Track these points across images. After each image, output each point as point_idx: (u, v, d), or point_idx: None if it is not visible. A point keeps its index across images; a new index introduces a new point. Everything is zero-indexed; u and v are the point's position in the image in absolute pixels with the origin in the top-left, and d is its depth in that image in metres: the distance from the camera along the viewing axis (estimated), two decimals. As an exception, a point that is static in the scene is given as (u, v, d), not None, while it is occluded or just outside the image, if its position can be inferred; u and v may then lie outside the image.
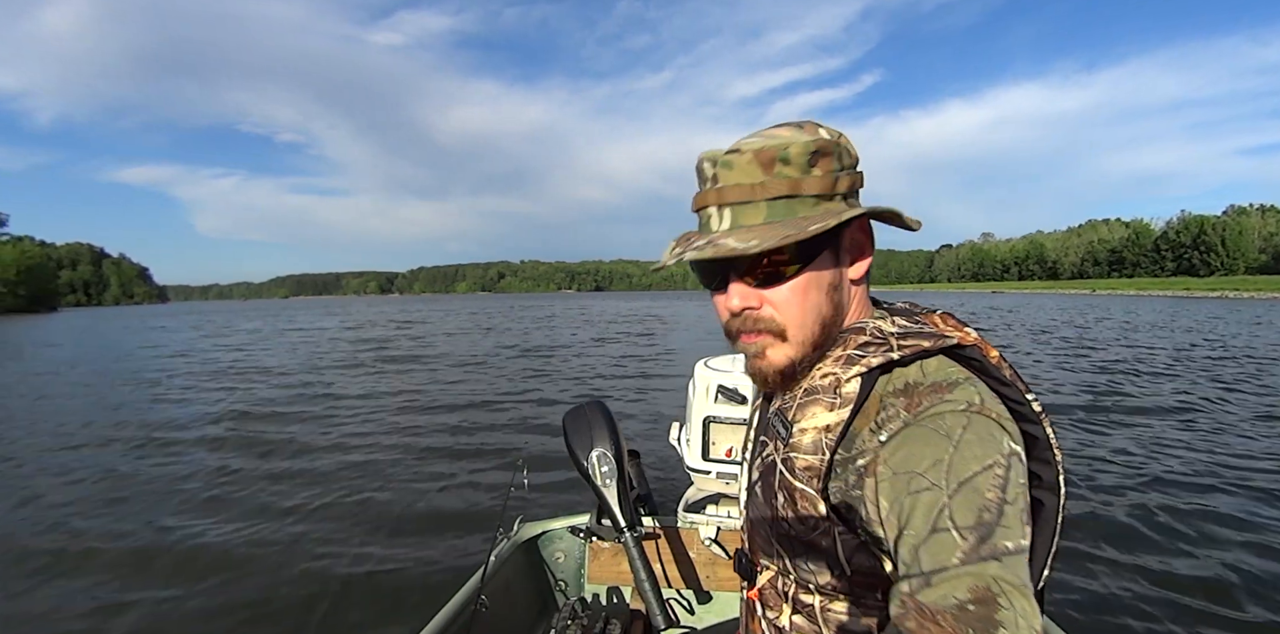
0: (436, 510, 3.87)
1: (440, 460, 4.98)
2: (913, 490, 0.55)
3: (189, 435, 6.14)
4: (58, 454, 5.51)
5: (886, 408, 0.62)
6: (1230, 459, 4.63)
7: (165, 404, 8.02)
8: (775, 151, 0.61)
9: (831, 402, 0.64)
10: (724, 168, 0.63)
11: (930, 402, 0.60)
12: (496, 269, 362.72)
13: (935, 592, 0.49)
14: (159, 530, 3.64)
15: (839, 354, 0.66)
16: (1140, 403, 6.81)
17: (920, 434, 0.58)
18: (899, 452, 0.59)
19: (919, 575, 0.51)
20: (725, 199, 0.63)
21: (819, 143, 0.62)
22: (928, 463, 0.56)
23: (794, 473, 0.65)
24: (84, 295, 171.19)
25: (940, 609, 0.48)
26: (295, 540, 3.43)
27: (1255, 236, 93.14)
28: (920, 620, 0.48)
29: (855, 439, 0.63)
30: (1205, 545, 3.14)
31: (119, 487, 4.50)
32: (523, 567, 1.79)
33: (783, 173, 0.61)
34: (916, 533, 0.53)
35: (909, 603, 0.50)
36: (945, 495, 0.53)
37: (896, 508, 0.56)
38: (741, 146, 0.63)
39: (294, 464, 4.97)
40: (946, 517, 0.52)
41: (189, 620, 2.66)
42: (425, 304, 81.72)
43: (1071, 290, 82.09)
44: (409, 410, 7.08)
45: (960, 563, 0.50)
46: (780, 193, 0.62)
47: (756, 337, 0.67)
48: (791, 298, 0.65)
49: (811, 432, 0.64)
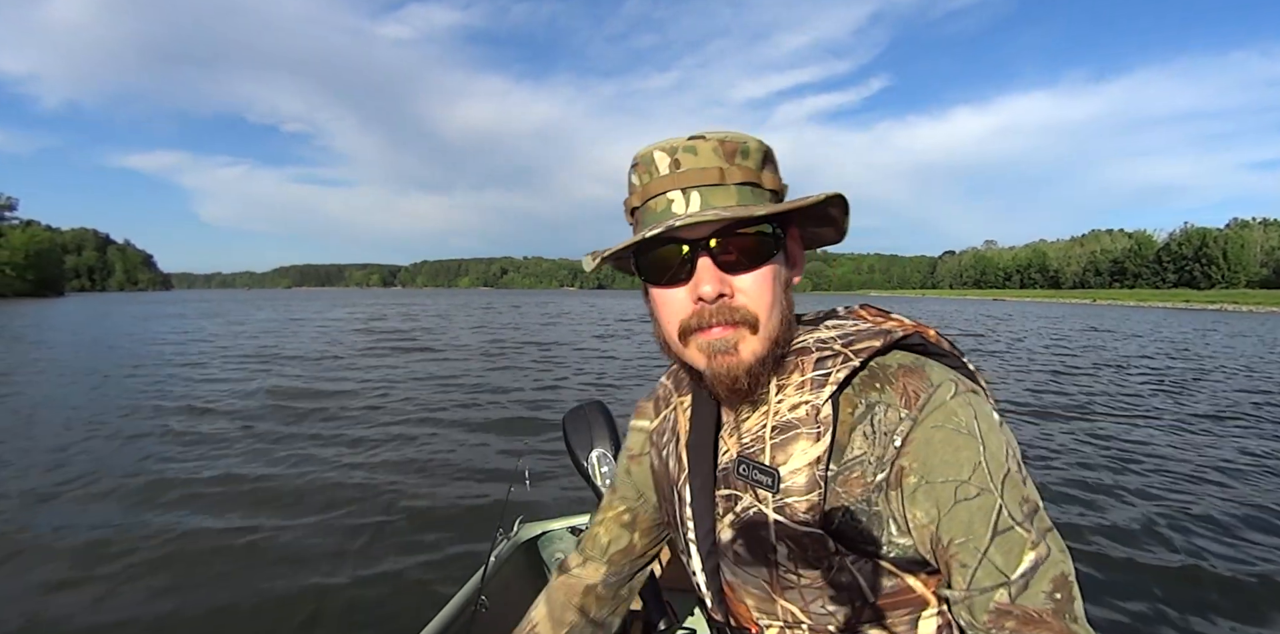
0: (437, 510, 3.89)
1: (441, 460, 5.01)
2: (962, 497, 0.56)
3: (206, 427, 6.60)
4: (137, 420, 6.06)
5: (875, 410, 0.61)
6: (1121, 451, 5.15)
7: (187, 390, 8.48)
8: (737, 144, 0.61)
9: (815, 432, 0.61)
10: (687, 153, 0.61)
11: (917, 388, 0.60)
12: (499, 265, 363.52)
13: (1030, 593, 0.54)
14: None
15: (800, 379, 0.63)
16: (1072, 401, 7.45)
17: (943, 436, 0.58)
18: (929, 459, 0.58)
19: (1009, 583, 0.54)
20: (691, 182, 0.60)
21: (767, 147, 0.64)
22: (969, 469, 0.56)
23: (795, 518, 0.61)
24: (88, 281, 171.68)
25: (1039, 609, 0.53)
26: (293, 541, 3.46)
27: (1257, 250, 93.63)
28: (1024, 621, 0.54)
29: (844, 454, 0.61)
30: (1095, 517, 3.61)
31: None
32: (523, 567, 1.76)
33: (744, 164, 0.61)
34: (979, 537, 0.55)
35: (1013, 610, 0.54)
36: (998, 496, 0.56)
37: (948, 518, 0.57)
38: (705, 135, 0.62)
39: (294, 462, 4.99)
40: (1006, 516, 0.55)
41: (186, 620, 2.68)
42: (431, 298, 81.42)
43: (1072, 300, 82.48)
44: (410, 410, 7.13)
45: (1034, 564, 0.54)
46: (746, 180, 0.61)
47: (730, 329, 0.61)
48: (762, 284, 0.61)
49: (805, 470, 0.61)
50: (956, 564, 0.57)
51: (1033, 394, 8.12)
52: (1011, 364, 11.47)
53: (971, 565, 0.56)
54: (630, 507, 0.85)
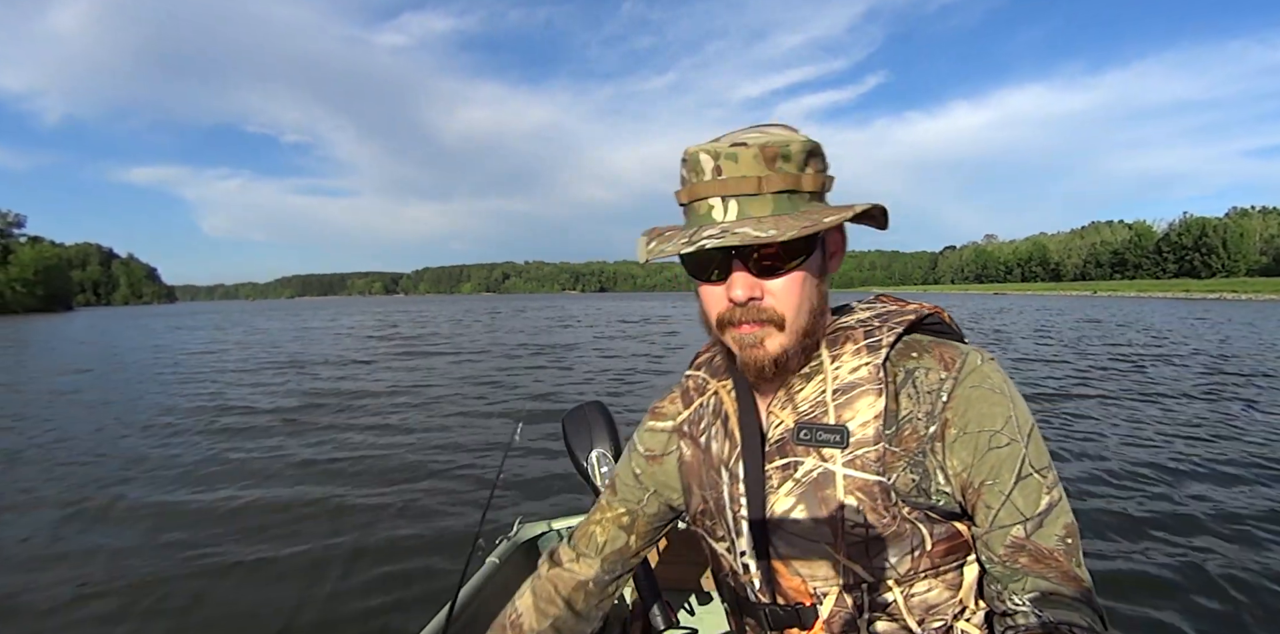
0: (437, 511, 3.94)
1: (442, 461, 5.11)
2: (994, 446, 0.64)
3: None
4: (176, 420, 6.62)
5: (915, 374, 0.68)
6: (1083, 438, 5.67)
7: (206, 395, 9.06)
8: (778, 148, 0.63)
9: (878, 388, 0.67)
10: (728, 160, 0.63)
11: (952, 355, 0.69)
12: (501, 270, 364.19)
13: (1044, 532, 0.64)
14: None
15: (854, 348, 0.70)
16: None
17: (979, 394, 0.66)
18: (968, 413, 0.65)
19: (1026, 520, 0.64)
20: (730, 191, 0.64)
21: (811, 144, 0.65)
22: (1001, 422, 0.65)
23: (866, 468, 0.67)
24: (93, 295, 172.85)
25: (1050, 548, 0.63)
26: (286, 540, 3.54)
27: (1256, 238, 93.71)
28: (1036, 558, 0.63)
29: (896, 416, 0.67)
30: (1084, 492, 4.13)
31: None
32: (523, 567, 1.76)
33: (783, 169, 0.63)
34: (1005, 482, 0.64)
35: (1026, 545, 0.64)
36: (1024, 447, 0.65)
37: (979, 463, 0.65)
38: (746, 141, 0.64)
39: (296, 461, 5.26)
40: (1029, 464, 0.65)
41: (191, 619, 2.77)
42: (436, 304, 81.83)
43: (1073, 292, 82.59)
44: (413, 410, 7.36)
45: (1048, 507, 0.64)
46: (783, 187, 0.64)
47: (758, 326, 0.67)
48: (791, 288, 0.67)
49: (872, 422, 0.66)
50: (983, 505, 0.65)
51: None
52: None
53: (995, 506, 0.64)
54: (630, 510, 0.88)
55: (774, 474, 0.71)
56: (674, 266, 0.68)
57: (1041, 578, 0.63)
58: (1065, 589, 0.63)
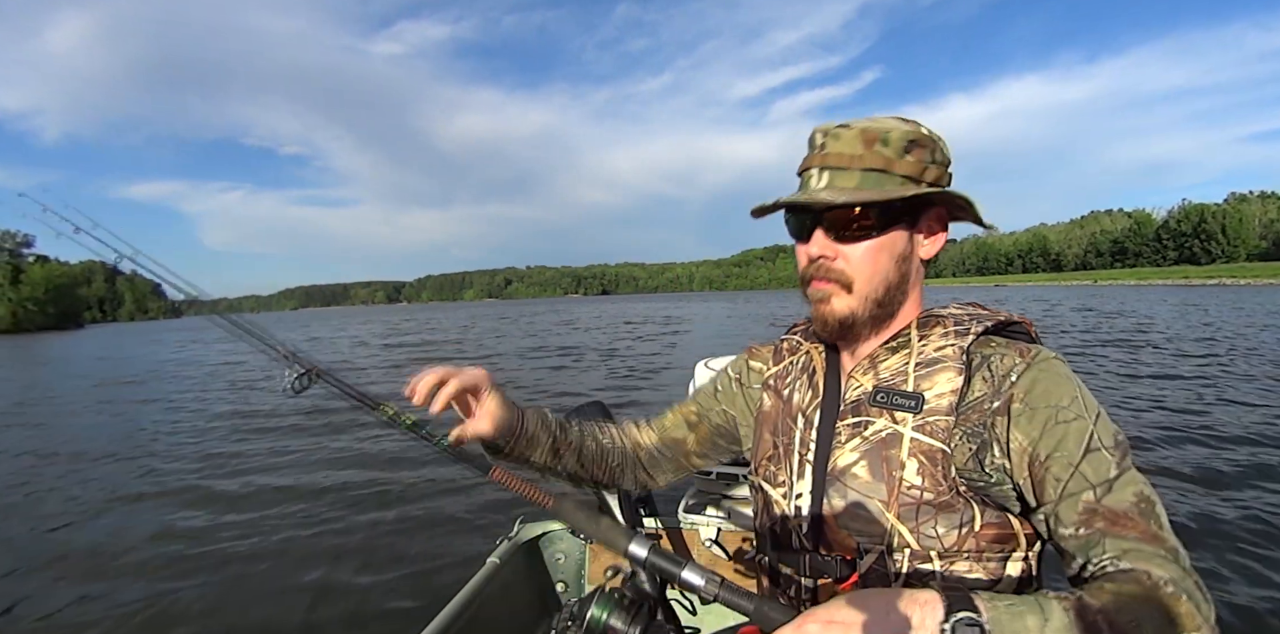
0: (437, 512, 3.96)
1: (442, 462, 4.80)
2: (1061, 420, 0.67)
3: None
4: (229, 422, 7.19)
5: (991, 359, 0.72)
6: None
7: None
8: (878, 133, 0.71)
9: (959, 367, 0.72)
10: (832, 139, 0.73)
11: (1029, 349, 0.73)
12: (503, 276, 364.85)
13: (1115, 496, 0.64)
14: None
15: (943, 331, 0.76)
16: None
17: (1047, 377, 0.69)
18: (1034, 390, 0.69)
19: (1095, 486, 0.64)
20: (827, 163, 0.73)
21: (916, 134, 0.73)
22: (1068, 399, 0.68)
23: (934, 435, 0.70)
24: (99, 312, 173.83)
25: (1124, 510, 0.63)
26: (289, 540, 3.60)
27: (1256, 224, 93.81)
28: (1112, 520, 0.63)
29: (968, 396, 0.71)
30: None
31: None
32: (523, 567, 1.78)
33: (880, 152, 0.71)
34: (1071, 453, 0.65)
35: (1098, 508, 0.64)
36: (1091, 423, 0.66)
37: (1046, 436, 0.67)
38: (851, 124, 0.73)
39: (293, 462, 5.41)
40: (1097, 440, 0.66)
41: (192, 614, 2.83)
42: (442, 312, 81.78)
43: (1073, 282, 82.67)
44: (415, 409, 7.94)
45: (1119, 474, 0.64)
46: (874, 166, 0.71)
47: (825, 284, 0.75)
48: (864, 256, 0.73)
49: (947, 395, 0.71)
50: (1050, 477, 0.66)
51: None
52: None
53: (1063, 478, 0.65)
54: (700, 412, 0.98)
55: (844, 430, 0.77)
56: (675, 267, 0.92)
57: (1121, 538, 0.62)
58: (1147, 546, 0.61)
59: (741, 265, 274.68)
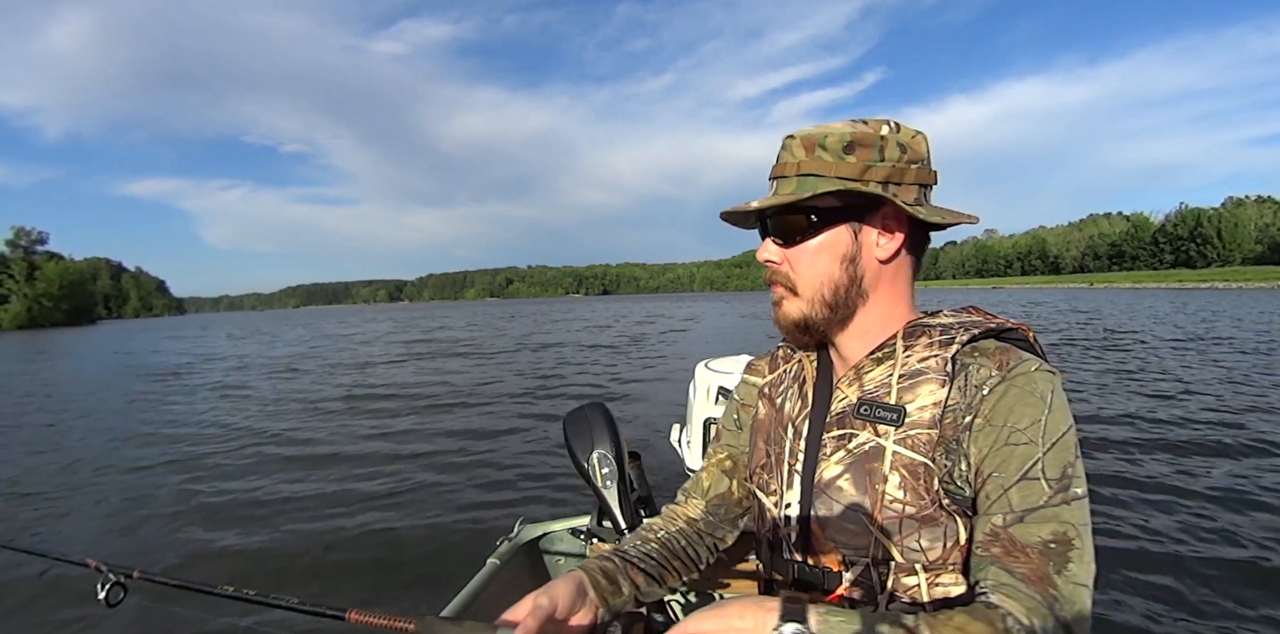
0: (437, 512, 3.95)
1: (443, 463, 5.14)
2: (1010, 442, 0.65)
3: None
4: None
5: (970, 369, 0.70)
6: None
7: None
8: (817, 138, 0.72)
9: (942, 379, 0.70)
10: (783, 149, 0.75)
11: (1012, 359, 0.70)
12: (504, 275, 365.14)
13: (1025, 528, 0.62)
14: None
15: (928, 342, 0.74)
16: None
17: (1016, 393, 0.67)
18: (999, 405, 0.67)
19: (1010, 512, 0.63)
20: (775, 172, 0.75)
21: (857, 135, 0.71)
22: (1027, 421, 0.65)
23: (915, 449, 0.69)
24: (105, 309, 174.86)
25: (1028, 544, 0.61)
26: (287, 541, 3.57)
27: (1251, 228, 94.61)
28: (1008, 550, 0.61)
29: (945, 404, 0.70)
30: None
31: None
32: (523, 568, 1.77)
33: (820, 156, 0.72)
34: (1007, 476, 0.64)
35: (1001, 534, 0.62)
36: (1040, 451, 0.64)
37: (992, 454, 0.66)
38: (797, 133, 0.74)
39: (300, 461, 5.49)
40: (1039, 469, 0.64)
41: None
42: (444, 310, 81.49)
43: (1070, 284, 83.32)
44: (416, 411, 7.56)
45: (1044, 505, 0.62)
46: (809, 171, 0.72)
47: (776, 288, 0.78)
48: (801, 258, 0.75)
49: (929, 408, 0.70)
50: (983, 495, 0.66)
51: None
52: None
53: (991, 497, 0.65)
54: (732, 454, 0.95)
55: (829, 442, 0.76)
56: (675, 268, 1.21)
57: (1005, 571, 0.61)
58: (1025, 588, 0.59)
59: (742, 266, 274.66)
